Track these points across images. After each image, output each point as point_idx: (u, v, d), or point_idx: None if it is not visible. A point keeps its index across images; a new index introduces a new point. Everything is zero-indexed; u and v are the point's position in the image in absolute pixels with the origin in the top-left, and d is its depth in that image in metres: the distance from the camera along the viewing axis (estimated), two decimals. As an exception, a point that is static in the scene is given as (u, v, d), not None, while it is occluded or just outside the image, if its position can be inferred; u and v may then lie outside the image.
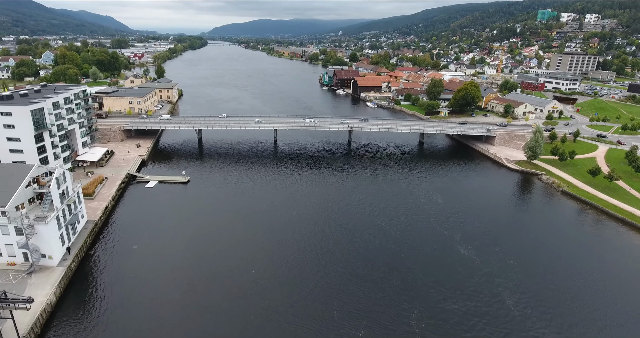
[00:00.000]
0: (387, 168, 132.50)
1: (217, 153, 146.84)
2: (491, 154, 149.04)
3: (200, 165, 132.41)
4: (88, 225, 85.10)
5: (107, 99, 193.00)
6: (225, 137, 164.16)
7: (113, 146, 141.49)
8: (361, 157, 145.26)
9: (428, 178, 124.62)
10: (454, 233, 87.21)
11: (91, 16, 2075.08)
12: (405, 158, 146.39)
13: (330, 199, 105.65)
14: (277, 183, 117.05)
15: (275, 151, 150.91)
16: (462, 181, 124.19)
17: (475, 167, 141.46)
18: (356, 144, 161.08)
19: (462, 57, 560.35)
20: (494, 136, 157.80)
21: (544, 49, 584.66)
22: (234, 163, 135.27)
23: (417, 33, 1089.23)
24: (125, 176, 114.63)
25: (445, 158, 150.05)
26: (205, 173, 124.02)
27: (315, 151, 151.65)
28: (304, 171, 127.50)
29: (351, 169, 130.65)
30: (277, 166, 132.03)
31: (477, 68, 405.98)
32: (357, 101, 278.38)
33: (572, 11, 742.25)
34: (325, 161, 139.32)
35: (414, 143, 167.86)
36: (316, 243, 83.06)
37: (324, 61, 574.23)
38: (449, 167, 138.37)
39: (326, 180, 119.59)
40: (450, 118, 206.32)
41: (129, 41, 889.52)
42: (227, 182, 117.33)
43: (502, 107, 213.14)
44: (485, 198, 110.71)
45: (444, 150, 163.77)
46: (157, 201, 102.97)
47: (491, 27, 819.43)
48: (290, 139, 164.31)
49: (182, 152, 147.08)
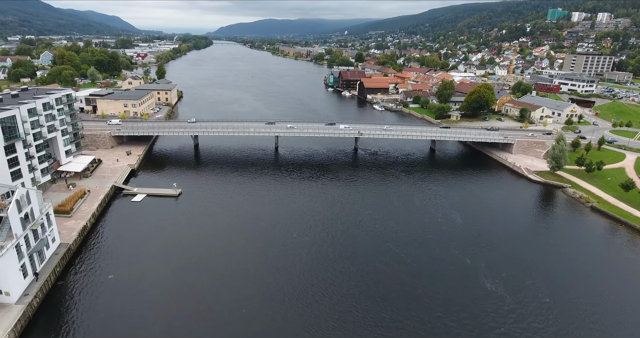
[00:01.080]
0: (397, 180, 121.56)
1: (214, 160, 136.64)
2: (509, 163, 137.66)
3: (194, 175, 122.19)
4: (60, 249, 75.04)
5: (100, 101, 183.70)
6: (224, 143, 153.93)
7: (102, 153, 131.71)
8: (369, 166, 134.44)
9: (443, 191, 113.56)
10: (478, 262, 76.19)
11: (98, 16, 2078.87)
12: (416, 167, 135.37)
13: (335, 216, 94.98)
14: (277, 197, 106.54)
15: (276, 159, 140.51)
16: (480, 195, 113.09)
17: (493, 178, 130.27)
18: (363, 152, 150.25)
19: (470, 57, 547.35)
20: (512, 143, 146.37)
21: (555, 49, 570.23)
22: (231, 172, 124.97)
23: (423, 33, 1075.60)
24: (110, 188, 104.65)
25: (459, 167, 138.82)
26: (199, 185, 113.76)
27: (319, 159, 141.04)
28: (307, 183, 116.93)
29: (358, 181, 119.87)
30: (278, 177, 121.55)
31: (487, 69, 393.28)
32: (364, 103, 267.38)
33: (583, 10, 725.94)
34: (329, 170, 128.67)
35: (425, 149, 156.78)
36: (319, 273, 72.43)
37: (329, 61, 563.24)
38: (464, 178, 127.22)
39: (331, 194, 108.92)
40: (462, 122, 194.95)
41: (133, 41, 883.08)
42: (222, 195, 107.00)
43: (517, 110, 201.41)
44: (507, 216, 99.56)
45: (457, 158, 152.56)
46: (142, 218, 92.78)
47: (499, 26, 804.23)
48: (293, 145, 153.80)
49: (176, 160, 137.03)
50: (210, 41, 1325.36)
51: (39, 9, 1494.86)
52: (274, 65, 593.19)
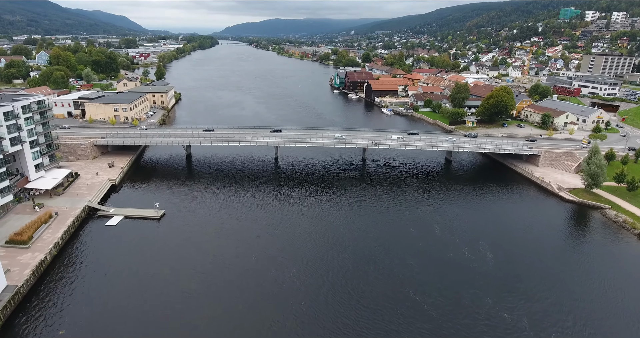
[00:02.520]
0: (412, 199, 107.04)
1: (206, 173, 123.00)
2: (536, 178, 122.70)
3: (183, 191, 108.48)
4: (5, 294, 61.60)
5: (89, 105, 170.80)
6: (219, 152, 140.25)
7: (82, 165, 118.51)
8: (379, 181, 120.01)
9: (465, 214, 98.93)
10: (519, 317, 61.39)
11: (105, 16, 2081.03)
12: (432, 182, 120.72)
13: (340, 248, 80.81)
14: (274, 220, 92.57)
15: (275, 172, 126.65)
16: (507, 218, 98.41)
17: (518, 195, 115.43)
18: (372, 163, 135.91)
19: (481, 57, 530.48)
20: (538, 154, 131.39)
21: (569, 49, 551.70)
22: (225, 188, 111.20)
23: (431, 33, 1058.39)
24: (82, 210, 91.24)
25: (479, 183, 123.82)
26: (186, 204, 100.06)
27: (322, 171, 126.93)
28: (308, 203, 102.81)
29: (367, 200, 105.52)
30: (276, 195, 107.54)
31: (500, 70, 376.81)
32: (371, 106, 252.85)
33: (597, 9, 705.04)
34: (334, 186, 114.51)
35: (440, 160, 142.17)
36: (320, 330, 58.39)
37: (335, 62, 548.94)
38: (486, 196, 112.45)
39: (336, 217, 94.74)
40: (478, 129, 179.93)
41: (137, 41, 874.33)
42: (211, 218, 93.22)
43: (538, 116, 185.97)
44: (542, 246, 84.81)
45: (476, 171, 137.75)
46: (115, 248, 79.20)
47: (510, 26, 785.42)
48: (295, 155, 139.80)
49: (165, 172, 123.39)
50: (215, 41, 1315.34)
51: (47, 8, 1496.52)
52: (278, 65, 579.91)
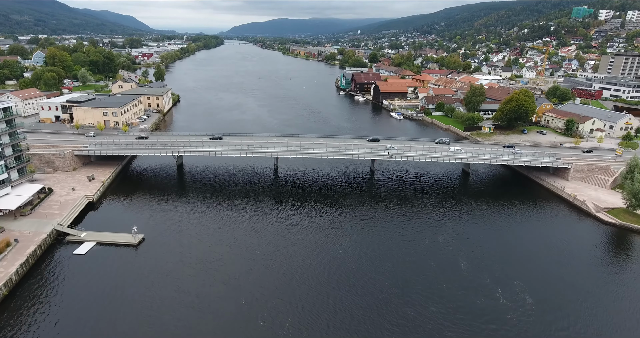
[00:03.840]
0: (429, 221, 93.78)
1: (197, 188, 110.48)
2: (567, 194, 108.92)
3: (169, 209, 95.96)
4: None
5: (77, 110, 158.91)
6: (214, 162, 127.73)
7: (58, 179, 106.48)
8: (390, 198, 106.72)
9: (492, 242, 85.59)
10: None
11: (113, 16, 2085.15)
12: (450, 200, 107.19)
13: (346, 288, 67.79)
14: (270, 249, 79.79)
15: (275, 186, 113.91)
16: (540, 247, 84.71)
17: (548, 215, 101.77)
18: (381, 176, 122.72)
19: (491, 57, 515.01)
20: (568, 167, 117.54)
21: (583, 49, 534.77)
22: (216, 206, 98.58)
23: (438, 32, 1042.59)
24: (49, 235, 79.02)
25: (502, 200, 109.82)
26: (171, 226, 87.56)
27: (326, 186, 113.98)
28: (309, 226, 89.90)
29: (377, 222, 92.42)
30: (274, 215, 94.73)
31: (514, 70, 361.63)
32: (379, 109, 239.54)
33: (610, 8, 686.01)
34: (340, 204, 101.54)
35: (457, 173, 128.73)
36: None
37: (341, 62, 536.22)
38: (513, 217, 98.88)
39: (341, 245, 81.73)
40: (496, 136, 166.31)
41: (142, 40, 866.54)
42: (197, 244, 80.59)
43: (561, 122, 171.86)
44: (587, 285, 71.20)
45: (497, 185, 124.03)
46: (77, 287, 66.73)
47: (520, 25, 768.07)
48: (296, 166, 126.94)
49: (152, 186, 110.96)
50: (221, 41, 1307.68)
51: (54, 8, 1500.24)
52: (283, 65, 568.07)
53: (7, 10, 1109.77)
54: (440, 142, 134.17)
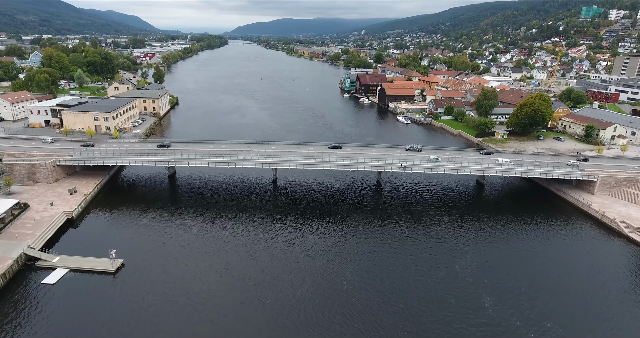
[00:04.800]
0: (444, 244, 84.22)
1: (188, 201, 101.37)
2: (594, 211, 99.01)
3: (155, 228, 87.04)
4: None
5: (67, 114, 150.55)
6: (208, 173, 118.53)
7: (38, 192, 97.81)
8: (399, 214, 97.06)
9: (516, 270, 76.01)
10: None
11: (118, 16, 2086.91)
12: (465, 217, 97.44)
13: (352, 333, 58.59)
14: (266, 277, 70.58)
15: (273, 199, 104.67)
16: (571, 272, 75.08)
17: (573, 235, 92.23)
18: (389, 189, 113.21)
19: (499, 58, 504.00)
20: (594, 180, 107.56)
21: (593, 49, 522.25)
22: (208, 224, 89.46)
23: (443, 32, 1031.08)
24: (16, 260, 70.23)
25: (522, 216, 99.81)
26: (155, 248, 78.54)
27: (328, 199, 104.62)
28: (311, 248, 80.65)
29: (386, 244, 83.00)
30: (271, 236, 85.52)
31: (524, 72, 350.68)
32: (385, 112, 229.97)
33: (621, 7, 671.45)
34: (344, 221, 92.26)
35: (470, 184, 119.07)
36: None
37: (345, 62, 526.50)
38: (536, 238, 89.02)
39: (345, 273, 72.33)
40: (510, 142, 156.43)
41: (145, 40, 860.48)
42: (184, 272, 71.55)
43: (579, 127, 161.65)
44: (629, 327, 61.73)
45: (514, 199, 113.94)
46: (45, 324, 57.83)
47: (528, 25, 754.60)
48: (296, 177, 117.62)
49: (139, 200, 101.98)
50: (225, 41, 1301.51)
51: (60, 9, 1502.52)
52: (287, 66, 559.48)
53: (13, 11, 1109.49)
54: (412, 149, 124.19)
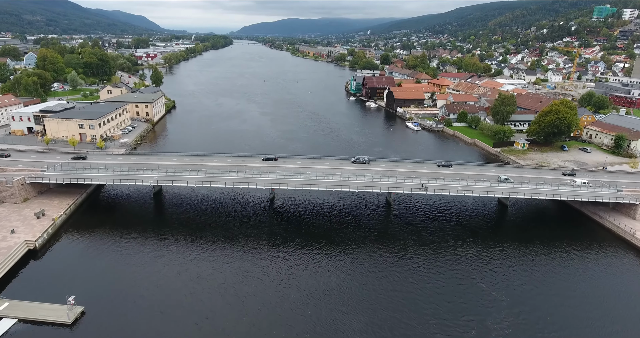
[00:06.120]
0: (469, 288, 71.19)
1: (174, 225, 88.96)
2: (638, 239, 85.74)
3: (131, 261, 74.89)
4: None
5: (49, 121, 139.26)
6: (198, 190, 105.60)
7: (2, 214, 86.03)
8: (413, 245, 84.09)
9: (559, 323, 63.10)
10: None
11: (124, 16, 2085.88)
12: (490, 248, 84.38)
13: None
14: (251, 330, 58.08)
15: (268, 225, 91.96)
16: (622, 319, 62.13)
17: (617, 269, 78.88)
18: (401, 210, 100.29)
19: (509, 59, 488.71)
20: (636, 203, 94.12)
21: (607, 50, 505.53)
22: (193, 256, 77.08)
23: (451, 32, 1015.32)
24: (-47, 309, 58.37)
25: (554, 244, 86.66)
26: (126, 289, 66.29)
27: (331, 223, 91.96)
28: (309, 291, 67.98)
29: (397, 283, 70.20)
30: (262, 272, 72.97)
31: (538, 74, 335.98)
32: (393, 118, 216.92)
33: (635, 7, 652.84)
34: (347, 252, 79.62)
35: (491, 204, 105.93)
36: None
37: (351, 63, 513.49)
38: (575, 272, 76.00)
39: (351, 324, 59.72)
40: (531, 154, 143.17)
41: (149, 40, 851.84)
42: (158, 324, 59.19)
43: (607, 137, 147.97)
44: None
45: (543, 222, 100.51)
46: None
47: (538, 25, 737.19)
48: (297, 196, 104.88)
49: (117, 223, 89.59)
50: (230, 40, 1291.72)
51: (67, 8, 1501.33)
52: (291, 67, 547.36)
53: (20, 10, 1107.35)
54: (358, 161, 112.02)
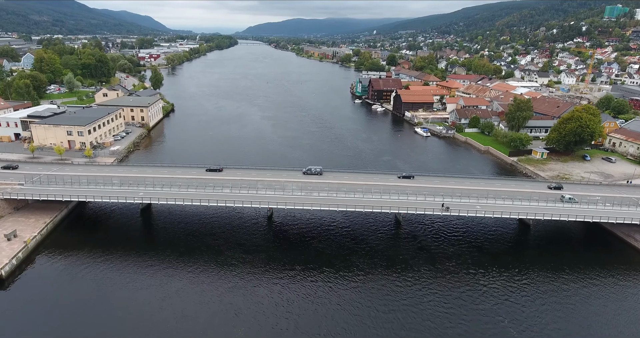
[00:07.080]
0: (496, 327, 61.91)
1: (160, 248, 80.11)
2: (683, 268, 75.82)
3: (110, 292, 65.96)
4: None
5: (36, 127, 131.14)
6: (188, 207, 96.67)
7: (-32, 236, 77.59)
8: (425, 273, 74.69)
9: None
10: None
11: (131, 16, 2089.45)
12: (514, 277, 74.77)
13: None
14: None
15: (266, 248, 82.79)
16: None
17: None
18: (411, 230, 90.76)
19: (518, 60, 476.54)
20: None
21: (620, 51, 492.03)
22: (179, 282, 68.12)
23: (457, 32, 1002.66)
24: None
25: (584, 271, 76.97)
26: (104, 330, 57.41)
27: (336, 247, 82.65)
28: (311, 331, 58.86)
29: (412, 322, 60.84)
30: (257, 305, 63.72)
31: (550, 76, 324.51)
32: (401, 122, 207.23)
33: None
34: (352, 281, 70.28)
35: (512, 225, 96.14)
36: None
37: (357, 64, 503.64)
38: (611, 306, 66.33)
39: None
40: (551, 163, 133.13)
41: (154, 40, 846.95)
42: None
43: (632, 146, 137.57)
44: None
45: (569, 245, 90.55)
46: None
47: (547, 25, 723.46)
48: (297, 214, 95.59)
49: (98, 245, 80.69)
50: (234, 41, 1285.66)
51: (73, 9, 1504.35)
52: (295, 67, 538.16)
53: (27, 11, 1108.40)
54: (309, 172, 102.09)
